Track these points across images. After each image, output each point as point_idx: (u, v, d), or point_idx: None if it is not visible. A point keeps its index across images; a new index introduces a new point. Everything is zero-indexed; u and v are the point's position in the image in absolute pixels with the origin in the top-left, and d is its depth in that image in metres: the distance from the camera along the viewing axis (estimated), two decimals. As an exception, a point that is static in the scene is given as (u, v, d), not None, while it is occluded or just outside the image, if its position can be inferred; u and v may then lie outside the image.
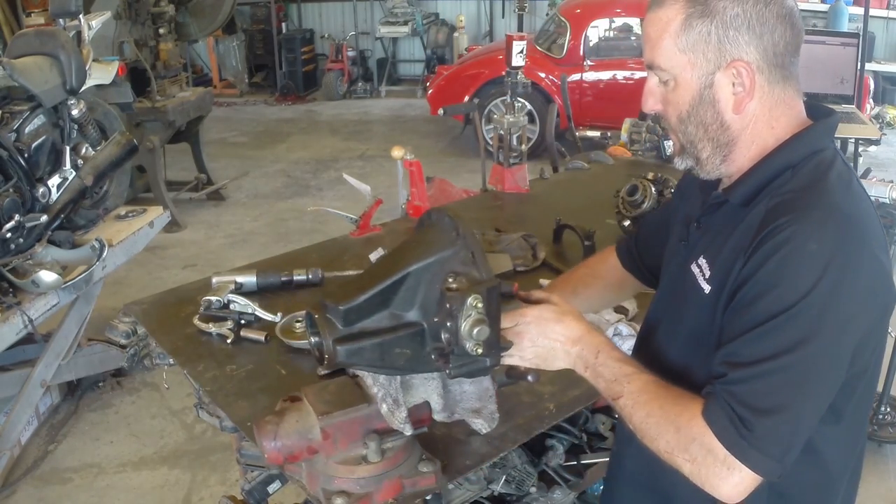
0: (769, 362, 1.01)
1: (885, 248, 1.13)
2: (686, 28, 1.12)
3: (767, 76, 1.13)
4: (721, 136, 1.16)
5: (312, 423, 1.22)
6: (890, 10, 8.28)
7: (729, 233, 1.14)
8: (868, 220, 1.11)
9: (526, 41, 2.65)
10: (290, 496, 2.04)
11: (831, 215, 1.05)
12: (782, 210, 1.07)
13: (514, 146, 2.69)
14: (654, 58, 1.17)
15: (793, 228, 1.03)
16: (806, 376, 1.02)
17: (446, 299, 1.08)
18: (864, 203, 1.13)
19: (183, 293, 2.01)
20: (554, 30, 6.97)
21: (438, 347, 1.11)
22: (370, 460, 1.23)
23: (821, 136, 1.17)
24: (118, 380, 3.59)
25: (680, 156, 1.23)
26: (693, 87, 1.14)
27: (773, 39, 1.11)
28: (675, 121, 1.19)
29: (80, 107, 3.36)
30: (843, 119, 3.30)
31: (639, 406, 1.11)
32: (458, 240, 1.14)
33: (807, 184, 1.10)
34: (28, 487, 2.96)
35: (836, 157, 1.16)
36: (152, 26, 5.48)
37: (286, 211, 5.82)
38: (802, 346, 1.01)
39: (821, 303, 1.01)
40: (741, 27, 1.10)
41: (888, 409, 3.07)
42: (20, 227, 2.87)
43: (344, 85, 9.53)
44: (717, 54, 1.12)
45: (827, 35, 4.02)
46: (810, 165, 1.12)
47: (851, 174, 1.16)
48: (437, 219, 1.21)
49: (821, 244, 1.02)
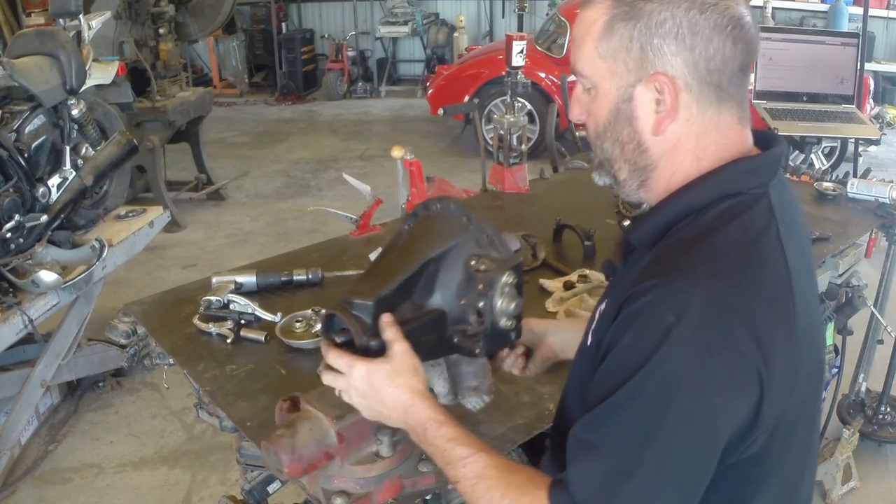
0: (615, 452, 0.90)
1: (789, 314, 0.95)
2: (608, 31, 1.00)
3: (697, 96, 0.99)
4: (638, 158, 1.03)
5: (326, 429, 1.19)
6: (890, 10, 8.28)
7: (622, 280, 1.05)
8: (761, 286, 0.93)
9: (526, 41, 2.65)
10: (290, 496, 2.05)
11: (701, 283, 0.90)
12: (652, 270, 0.95)
13: (514, 146, 2.69)
14: (575, 62, 1.06)
15: (651, 297, 0.91)
16: (658, 472, 0.89)
17: (478, 280, 1.09)
18: (765, 262, 0.95)
19: (183, 293, 2.01)
20: (554, 30, 6.96)
21: (461, 330, 1.12)
22: (383, 455, 1.23)
23: (741, 175, 1.00)
24: (118, 380, 3.59)
25: (598, 171, 1.12)
26: (611, 98, 1.02)
27: (706, 53, 0.96)
28: (592, 134, 1.08)
29: (80, 107, 3.36)
30: (843, 119, 3.30)
31: (479, 494, 1.00)
32: (470, 224, 1.16)
33: (694, 238, 0.96)
34: (28, 487, 2.96)
35: (758, 202, 0.99)
36: (152, 26, 5.48)
37: (286, 211, 5.82)
38: (651, 432, 0.88)
39: (671, 381, 0.88)
40: (667, 35, 0.96)
41: (888, 409, 3.07)
42: (20, 227, 2.87)
43: (344, 85, 9.53)
44: (639, 64, 0.99)
45: (827, 35, 4.01)
46: (713, 213, 0.98)
47: (771, 224, 0.98)
48: (442, 207, 1.21)
49: (678, 317, 0.88)
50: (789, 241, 0.99)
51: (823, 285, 2.38)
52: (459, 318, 1.13)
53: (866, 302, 2.60)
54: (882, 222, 2.51)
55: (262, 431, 1.46)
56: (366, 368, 1.07)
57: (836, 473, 2.75)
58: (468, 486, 1.01)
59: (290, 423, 1.20)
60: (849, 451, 2.77)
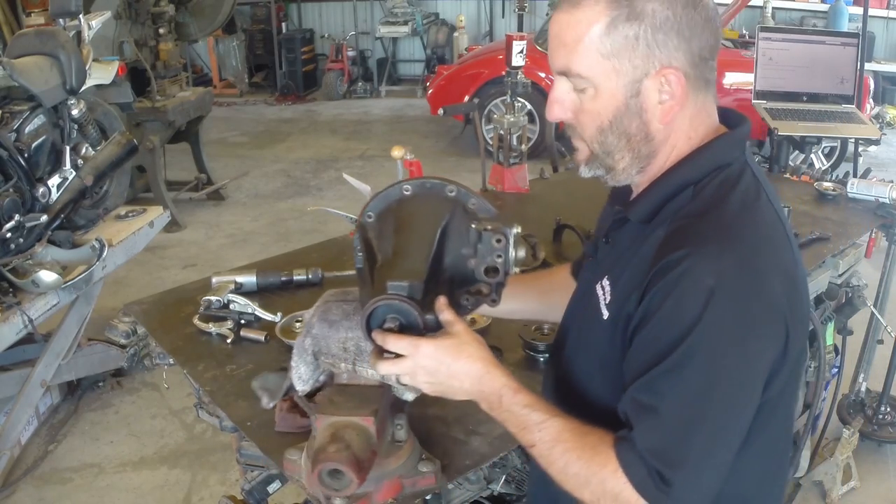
0: (677, 410, 0.98)
1: (794, 266, 1.08)
2: (610, 32, 1.03)
3: (693, 83, 1.07)
4: (643, 147, 1.09)
5: (368, 429, 1.16)
6: (890, 10, 8.28)
7: (629, 255, 1.10)
8: (772, 244, 1.05)
9: (526, 41, 2.65)
10: (290, 496, 2.04)
11: (728, 247, 1.00)
12: (677, 241, 1.01)
13: (514, 146, 2.69)
14: (569, 64, 1.07)
15: (687, 264, 0.98)
16: (715, 419, 0.99)
17: (493, 237, 1.15)
18: (768, 223, 1.07)
19: (183, 293, 2.01)
20: (554, 30, 6.95)
21: (475, 290, 1.18)
22: (400, 439, 1.24)
23: (726, 148, 1.10)
24: (118, 380, 3.59)
25: (588, 164, 1.14)
26: (618, 95, 1.06)
27: (700, 44, 1.05)
28: (592, 131, 1.10)
29: (80, 107, 3.36)
30: (843, 119, 3.30)
31: (555, 457, 1.05)
32: (457, 192, 1.20)
33: (705, 208, 1.05)
34: (28, 487, 2.96)
35: (744, 171, 1.10)
36: (152, 26, 5.48)
37: (286, 211, 5.82)
38: (707, 387, 0.98)
39: (719, 338, 0.97)
40: (671, 31, 1.03)
41: (888, 408, 3.07)
42: (20, 227, 2.87)
43: (344, 85, 9.53)
44: (646, 60, 1.04)
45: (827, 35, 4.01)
46: (713, 185, 1.07)
47: (760, 189, 1.10)
48: (417, 187, 1.22)
49: (718, 278, 0.97)
50: (774, 199, 1.11)
51: (823, 285, 2.37)
52: (468, 279, 1.17)
53: (866, 302, 2.60)
54: (882, 222, 2.51)
55: (262, 431, 1.46)
56: (433, 345, 1.09)
57: (836, 473, 2.75)
58: (545, 450, 1.07)
59: (333, 438, 1.14)
60: (849, 451, 2.77)
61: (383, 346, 1.09)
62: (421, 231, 1.17)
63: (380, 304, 1.07)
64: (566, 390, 1.22)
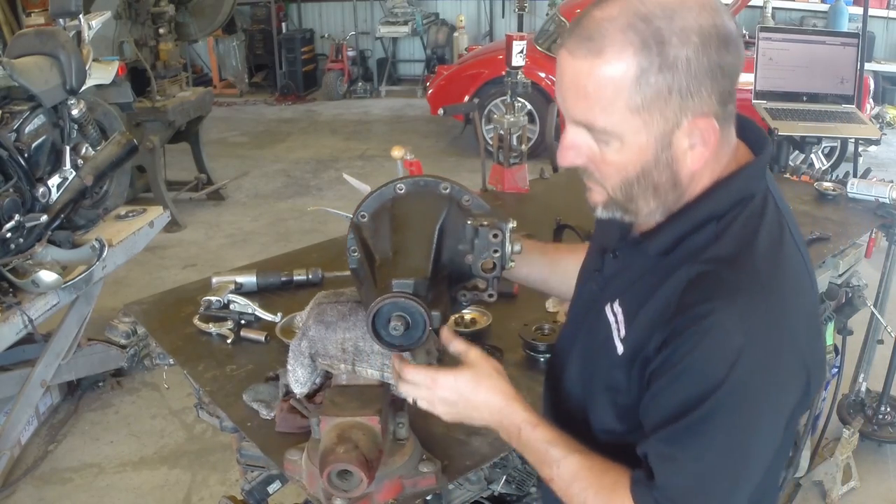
0: (699, 462, 0.96)
1: (814, 307, 1.08)
2: (641, 85, 0.93)
3: (722, 122, 1.00)
4: (671, 193, 1.03)
5: (374, 428, 1.17)
6: (890, 10, 8.28)
7: (647, 288, 1.04)
8: (797, 292, 1.02)
9: (526, 41, 2.65)
10: (290, 496, 2.04)
11: (757, 302, 0.96)
12: (705, 290, 0.96)
13: (514, 146, 2.69)
14: (592, 119, 0.98)
15: (715, 319, 0.94)
16: (737, 471, 0.98)
17: (490, 233, 1.15)
18: (793, 265, 1.03)
19: (183, 293, 2.01)
20: (554, 30, 6.96)
21: (472, 286, 1.19)
22: (401, 437, 1.24)
23: (751, 180, 1.04)
24: (118, 380, 3.59)
25: (606, 207, 1.07)
26: (648, 150, 0.98)
27: (730, 83, 0.98)
28: (615, 182, 1.03)
29: (80, 107, 3.36)
30: (843, 119, 3.29)
31: (573, 493, 1.06)
32: (451, 189, 1.20)
33: (733, 253, 0.99)
34: (28, 487, 2.96)
35: (767, 202, 1.04)
36: (152, 26, 5.48)
37: (286, 211, 5.82)
38: (731, 443, 0.96)
39: (745, 397, 0.95)
40: (704, 78, 0.94)
41: (888, 408, 3.07)
42: (20, 227, 2.87)
43: (344, 85, 9.52)
44: (678, 112, 0.96)
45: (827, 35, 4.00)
46: (739, 223, 1.01)
47: (783, 222, 1.05)
48: (411, 186, 1.22)
49: (747, 337, 0.93)
50: (795, 230, 1.07)
51: (823, 285, 2.37)
52: (465, 275, 1.18)
53: (866, 302, 2.60)
54: (882, 222, 2.51)
55: (263, 432, 1.46)
56: (452, 377, 1.10)
57: (836, 473, 2.75)
58: (563, 485, 1.07)
59: (340, 439, 1.14)
60: (849, 451, 2.77)
61: (402, 375, 1.10)
62: (419, 229, 1.17)
63: (385, 303, 1.07)
64: (567, 409, 1.20)
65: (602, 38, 0.94)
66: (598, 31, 0.94)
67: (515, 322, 1.78)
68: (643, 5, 0.94)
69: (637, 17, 0.93)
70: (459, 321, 1.81)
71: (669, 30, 0.93)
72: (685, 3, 0.94)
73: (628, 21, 0.93)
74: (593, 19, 0.96)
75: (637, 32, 0.93)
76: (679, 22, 0.93)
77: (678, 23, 0.93)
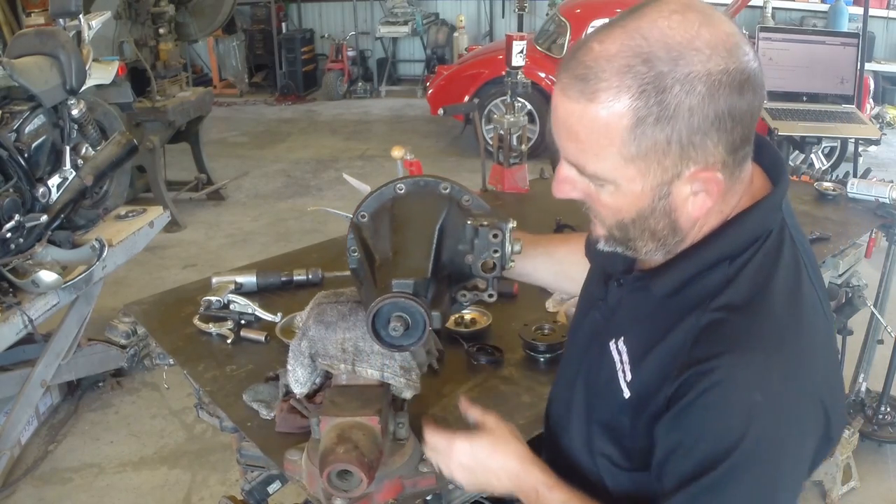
0: None
1: (833, 353, 1.04)
2: (637, 135, 0.86)
3: (731, 169, 0.92)
4: (670, 238, 0.97)
5: (374, 428, 1.17)
6: (890, 10, 8.28)
7: (655, 331, 0.99)
8: (814, 339, 0.96)
9: (526, 41, 2.65)
10: (290, 496, 2.04)
11: (773, 356, 0.90)
12: (719, 342, 0.91)
13: (514, 146, 2.69)
14: (583, 163, 0.92)
15: (729, 373, 0.88)
16: None
17: (490, 233, 1.15)
18: (811, 310, 0.97)
19: (183, 293, 2.01)
20: (554, 30, 6.96)
21: (472, 286, 1.19)
22: (401, 437, 1.24)
23: (766, 216, 0.97)
24: (118, 380, 3.59)
25: (607, 242, 1.02)
26: (643, 198, 0.92)
27: (745, 130, 0.89)
28: (611, 222, 0.97)
29: (80, 107, 3.36)
30: (843, 119, 3.30)
31: None
32: (449, 188, 1.20)
33: (747, 299, 0.93)
34: (28, 487, 2.96)
35: (783, 238, 0.98)
36: (152, 26, 5.48)
37: (286, 211, 5.82)
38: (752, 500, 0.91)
39: (764, 454, 0.89)
40: (710, 129, 0.86)
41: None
42: (20, 227, 2.87)
43: (344, 85, 9.52)
44: (678, 162, 0.88)
45: (827, 35, 4.01)
46: (754, 265, 0.95)
47: (800, 259, 0.99)
48: (411, 186, 1.22)
49: (763, 393, 0.88)
50: (811, 265, 1.01)
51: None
52: (465, 275, 1.18)
53: (866, 302, 2.60)
54: (882, 222, 2.51)
55: (263, 432, 1.46)
56: (468, 444, 1.10)
57: (835, 473, 2.75)
58: None
59: (340, 439, 1.14)
60: (849, 451, 2.77)
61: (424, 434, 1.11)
62: (420, 229, 1.17)
63: (385, 303, 1.07)
64: (569, 440, 1.17)
65: (597, 81, 0.86)
66: (593, 71, 0.86)
67: (515, 322, 1.78)
68: (647, 43, 0.85)
69: (638, 57, 0.85)
70: (459, 321, 1.81)
71: (672, 76, 0.84)
72: (694, 43, 0.85)
73: (627, 62, 0.85)
74: (591, 53, 0.87)
75: (636, 77, 0.84)
76: (684, 68, 0.84)
77: (683, 68, 0.84)
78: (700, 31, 0.85)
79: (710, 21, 0.87)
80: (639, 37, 0.86)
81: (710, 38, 0.85)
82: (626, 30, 0.87)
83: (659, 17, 0.86)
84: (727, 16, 0.92)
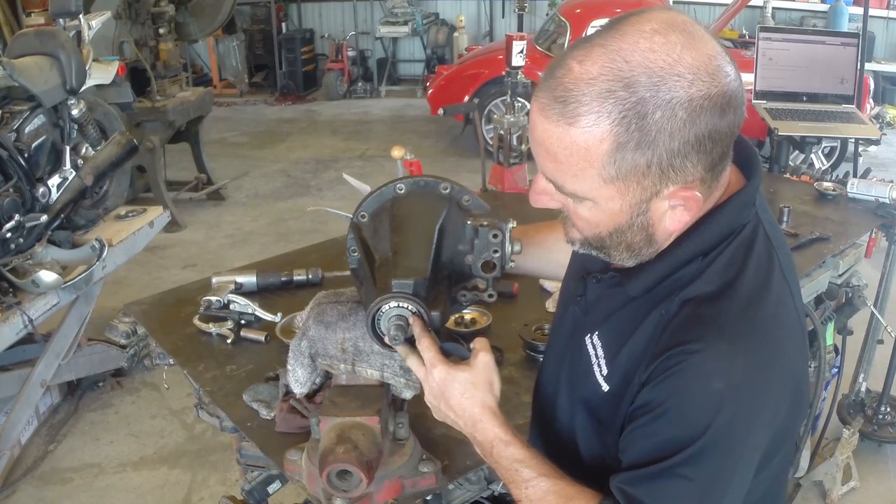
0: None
1: (802, 351, 1.03)
2: (616, 159, 0.87)
3: (709, 182, 0.93)
4: (644, 249, 0.98)
5: (373, 428, 1.17)
6: (890, 10, 8.28)
7: (627, 324, 1.01)
8: (780, 332, 0.96)
9: (526, 41, 2.65)
10: (290, 496, 2.04)
11: (738, 345, 0.91)
12: (687, 331, 0.92)
13: (514, 146, 2.69)
14: (562, 182, 0.93)
15: (695, 360, 0.90)
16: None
17: (490, 233, 1.14)
18: (779, 301, 0.97)
19: (183, 293, 2.01)
20: (554, 30, 6.96)
21: (472, 286, 1.19)
22: (401, 437, 1.24)
23: (739, 211, 0.98)
24: (118, 380, 3.59)
25: (583, 247, 1.04)
26: (622, 215, 0.94)
27: (724, 148, 0.90)
28: (588, 234, 0.99)
29: (80, 107, 3.36)
30: (843, 119, 3.29)
31: None
32: (451, 189, 1.20)
33: (717, 290, 0.94)
34: (28, 487, 2.96)
35: (757, 232, 0.99)
36: (152, 26, 5.48)
37: (286, 211, 5.82)
38: (707, 485, 0.92)
39: (724, 441, 0.90)
40: (690, 152, 0.87)
41: (888, 408, 3.06)
42: (20, 227, 2.87)
43: (344, 85, 9.52)
44: (657, 182, 0.89)
45: (827, 35, 4.01)
46: (725, 256, 0.96)
47: (773, 253, 0.99)
48: (411, 186, 1.22)
49: (727, 382, 0.89)
50: (785, 260, 1.02)
51: (823, 285, 2.37)
52: (465, 275, 1.18)
53: (866, 302, 2.60)
54: (882, 222, 2.51)
55: (263, 432, 1.46)
56: (445, 372, 1.07)
57: (836, 473, 2.75)
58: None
59: (339, 439, 1.14)
60: (849, 451, 2.77)
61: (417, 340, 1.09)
62: (419, 229, 1.17)
63: (382, 305, 1.07)
64: (555, 432, 1.18)
65: (577, 104, 0.85)
66: (573, 94, 0.86)
67: (515, 322, 1.78)
68: (628, 66, 0.84)
69: (619, 81, 0.84)
70: (459, 321, 1.81)
71: (654, 102, 0.83)
72: (675, 68, 0.84)
73: (608, 86, 0.84)
74: (571, 74, 0.86)
75: (616, 102, 0.84)
76: (665, 94, 0.83)
77: (664, 94, 0.83)
78: (682, 54, 0.85)
79: (692, 43, 0.86)
80: (620, 59, 0.84)
81: (692, 63, 0.85)
82: (607, 50, 0.86)
83: (641, 37, 0.85)
84: (711, 33, 0.90)
